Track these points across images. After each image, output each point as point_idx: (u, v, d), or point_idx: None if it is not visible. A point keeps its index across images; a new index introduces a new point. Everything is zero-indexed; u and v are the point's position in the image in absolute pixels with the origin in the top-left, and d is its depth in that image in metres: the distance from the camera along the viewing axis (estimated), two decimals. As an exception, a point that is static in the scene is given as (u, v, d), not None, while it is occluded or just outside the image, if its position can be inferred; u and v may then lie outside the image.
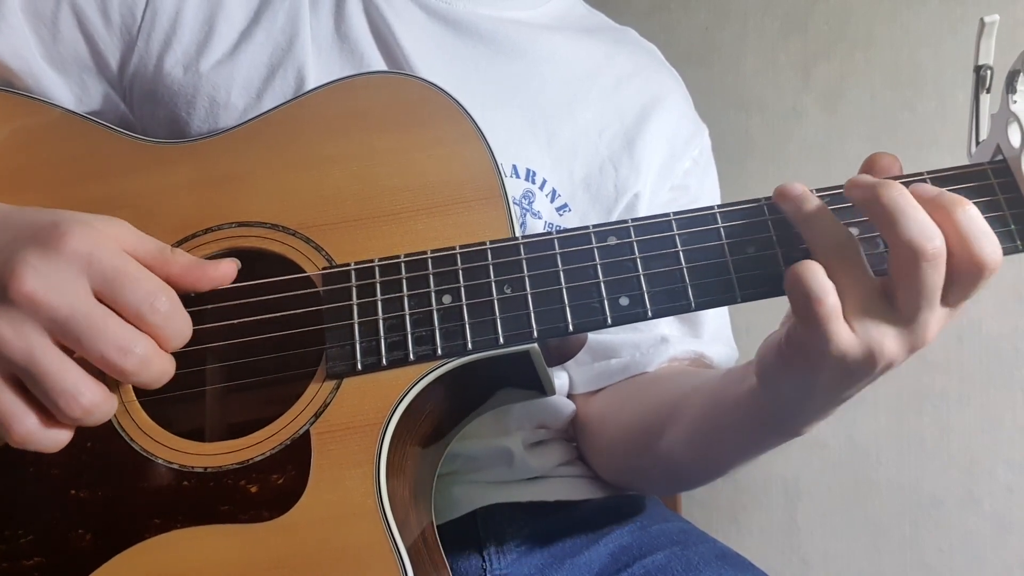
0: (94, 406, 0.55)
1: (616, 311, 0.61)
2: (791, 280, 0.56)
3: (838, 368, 0.57)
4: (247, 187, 0.69)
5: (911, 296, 0.55)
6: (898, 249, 0.54)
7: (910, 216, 0.54)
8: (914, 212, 0.54)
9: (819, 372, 0.58)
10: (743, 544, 0.96)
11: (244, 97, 0.79)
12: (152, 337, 0.57)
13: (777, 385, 0.63)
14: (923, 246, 0.53)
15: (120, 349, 0.55)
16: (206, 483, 0.61)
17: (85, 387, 0.55)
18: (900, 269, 0.55)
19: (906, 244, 0.53)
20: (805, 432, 0.66)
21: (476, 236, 0.65)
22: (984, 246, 0.54)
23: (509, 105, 0.86)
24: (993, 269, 0.55)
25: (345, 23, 0.83)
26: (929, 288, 0.54)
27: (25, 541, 0.60)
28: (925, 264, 0.53)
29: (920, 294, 0.55)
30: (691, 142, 0.95)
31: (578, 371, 0.90)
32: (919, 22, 1.73)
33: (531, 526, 0.84)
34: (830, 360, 0.56)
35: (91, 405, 0.55)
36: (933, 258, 0.53)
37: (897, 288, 0.55)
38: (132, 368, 0.55)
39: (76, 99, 0.81)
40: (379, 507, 0.59)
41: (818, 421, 0.65)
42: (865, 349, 0.56)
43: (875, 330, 0.56)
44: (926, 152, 1.69)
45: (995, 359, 1.60)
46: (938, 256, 0.54)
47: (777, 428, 0.67)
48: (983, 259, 0.54)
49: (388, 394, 0.62)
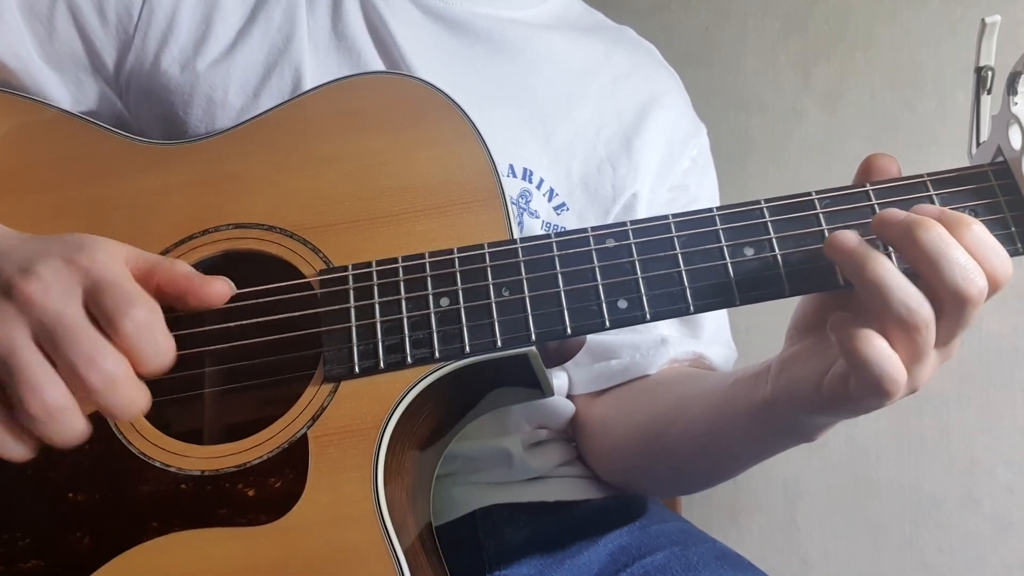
0: (56, 408, 0.53)
1: (614, 314, 0.61)
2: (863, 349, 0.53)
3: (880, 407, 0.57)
4: (244, 188, 0.69)
5: (951, 331, 0.55)
6: (942, 292, 0.54)
7: (952, 259, 0.53)
8: (955, 254, 0.53)
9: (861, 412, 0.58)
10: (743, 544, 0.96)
11: (241, 96, 0.79)
12: (126, 354, 0.54)
13: (808, 414, 0.62)
14: (968, 291, 0.53)
15: (88, 360, 0.52)
16: (204, 486, 0.61)
17: (51, 385, 0.53)
18: (944, 310, 0.54)
19: (951, 289, 0.53)
20: (818, 438, 0.66)
21: (474, 238, 0.65)
22: (995, 264, 0.54)
23: (506, 104, 0.85)
24: (1005, 283, 0.55)
25: (342, 22, 0.83)
26: (969, 322, 0.55)
27: (23, 544, 0.60)
28: (970, 306, 0.53)
29: (960, 329, 0.55)
30: (689, 141, 0.94)
31: (577, 372, 0.90)
32: (919, 22, 1.73)
33: (530, 527, 0.84)
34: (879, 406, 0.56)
35: (53, 404, 0.52)
36: (978, 299, 0.53)
37: (939, 324, 0.55)
38: (97, 383, 0.52)
39: (72, 98, 0.81)
40: (376, 510, 0.59)
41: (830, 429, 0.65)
42: (910, 387, 0.56)
43: (920, 367, 0.55)
44: (926, 152, 1.69)
45: (995, 359, 1.60)
46: (983, 295, 0.53)
47: (791, 437, 0.68)
48: (996, 276, 0.54)
49: (386, 397, 0.61)
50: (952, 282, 0.53)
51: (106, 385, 0.53)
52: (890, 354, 0.53)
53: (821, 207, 0.61)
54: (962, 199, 0.60)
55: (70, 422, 0.54)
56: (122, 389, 0.54)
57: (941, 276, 0.53)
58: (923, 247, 0.53)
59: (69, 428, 0.54)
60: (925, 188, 0.60)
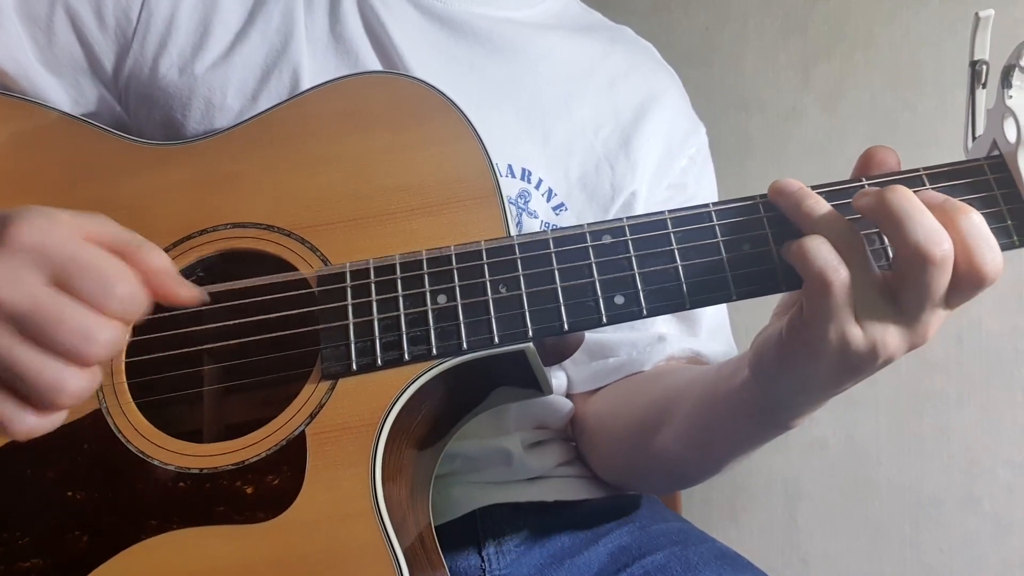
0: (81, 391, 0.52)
1: (611, 310, 0.61)
2: (800, 251, 0.56)
3: (839, 358, 0.57)
4: (242, 188, 0.69)
5: (915, 297, 0.55)
6: (904, 252, 0.54)
7: (916, 220, 0.54)
8: (921, 216, 0.54)
9: (819, 362, 0.58)
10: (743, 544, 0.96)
11: (239, 99, 0.79)
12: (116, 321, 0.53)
13: (774, 378, 0.63)
14: (931, 250, 0.53)
15: (85, 339, 0.51)
16: (202, 484, 0.61)
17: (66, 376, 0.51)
18: (906, 271, 0.55)
19: (913, 247, 0.53)
20: (795, 426, 0.67)
21: (471, 236, 0.65)
22: (986, 255, 0.54)
23: (504, 104, 0.86)
24: (994, 278, 0.55)
25: (340, 23, 0.83)
26: (934, 290, 0.55)
27: (22, 543, 0.60)
28: (932, 268, 0.54)
29: (924, 296, 0.55)
30: (688, 140, 0.94)
31: (576, 370, 0.90)
32: (919, 22, 1.72)
33: (530, 526, 0.84)
34: (832, 348, 0.56)
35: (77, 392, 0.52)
36: (941, 262, 0.53)
37: (901, 288, 0.56)
38: (101, 355, 0.52)
39: (72, 101, 0.81)
40: (374, 508, 0.59)
41: (808, 414, 0.65)
42: (868, 341, 0.56)
43: (879, 323, 0.56)
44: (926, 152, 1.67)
45: (995, 359, 1.60)
46: (946, 260, 0.54)
47: (768, 421, 0.67)
48: (984, 268, 0.54)
49: (383, 394, 0.61)
50: (914, 240, 0.53)
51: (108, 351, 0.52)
52: (828, 248, 0.56)
53: (817, 202, 0.61)
54: (958, 193, 0.60)
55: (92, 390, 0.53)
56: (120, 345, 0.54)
57: (904, 235, 0.54)
58: (887, 206, 0.55)
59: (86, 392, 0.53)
60: (921, 182, 0.61)
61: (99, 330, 0.52)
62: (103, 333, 0.52)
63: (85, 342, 0.51)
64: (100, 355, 0.52)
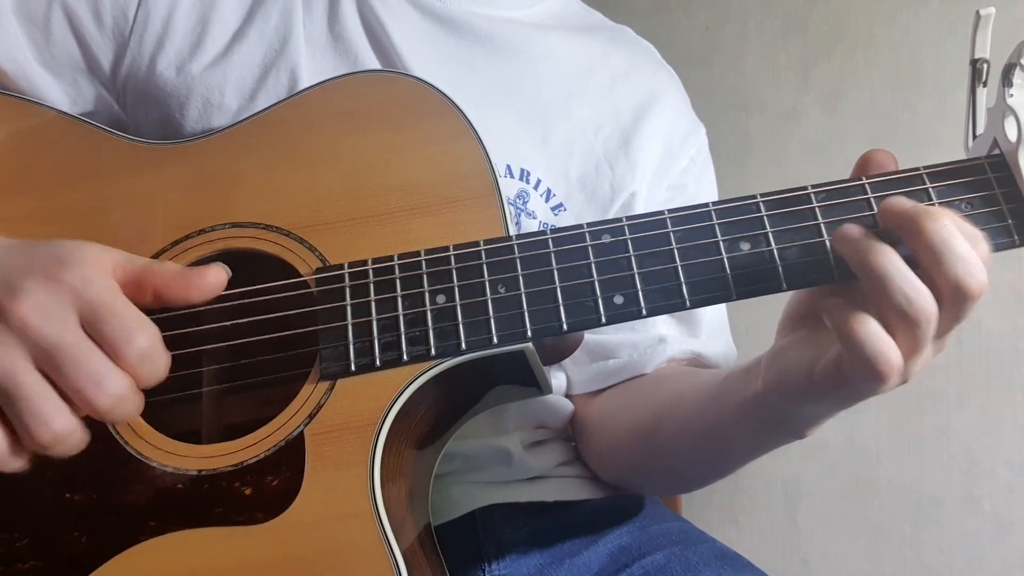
0: (65, 434, 0.54)
1: (610, 310, 0.61)
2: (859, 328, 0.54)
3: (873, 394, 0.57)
4: (241, 187, 0.69)
5: (949, 324, 0.55)
6: (942, 285, 0.54)
7: (956, 252, 0.53)
8: (960, 247, 0.53)
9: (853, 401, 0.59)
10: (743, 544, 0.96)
11: (237, 98, 0.79)
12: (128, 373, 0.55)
13: (799, 403, 0.62)
14: (969, 285, 0.53)
15: (96, 385, 0.53)
16: (200, 485, 0.61)
17: (58, 413, 0.53)
18: (943, 303, 0.54)
19: (952, 282, 0.53)
20: (809, 435, 0.66)
21: (470, 235, 0.65)
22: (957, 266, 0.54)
23: (503, 104, 0.85)
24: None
25: (339, 22, 0.83)
26: (968, 316, 0.55)
27: (20, 545, 0.60)
28: (970, 301, 0.53)
29: (958, 322, 0.55)
30: (688, 140, 0.94)
31: (576, 371, 0.90)
32: (919, 22, 1.72)
33: (530, 526, 0.84)
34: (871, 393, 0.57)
35: (62, 432, 0.53)
36: (979, 295, 0.53)
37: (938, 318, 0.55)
38: (105, 405, 0.54)
39: (70, 100, 0.81)
40: (373, 508, 0.59)
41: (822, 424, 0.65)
42: (902, 380, 0.56)
43: (917, 363, 0.56)
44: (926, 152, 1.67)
45: (995, 359, 1.60)
46: (983, 292, 0.53)
47: (782, 431, 0.67)
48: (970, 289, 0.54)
49: (382, 394, 0.61)
50: (954, 274, 0.53)
51: (114, 404, 0.54)
52: (885, 336, 0.54)
53: (817, 201, 0.61)
54: (958, 192, 0.60)
55: (76, 442, 0.55)
56: (127, 405, 0.55)
57: (943, 268, 0.53)
58: (928, 236, 0.53)
59: (74, 447, 0.55)
60: (921, 181, 0.60)
61: (111, 381, 0.53)
62: (113, 385, 0.54)
63: (95, 388, 0.53)
64: (104, 406, 0.53)
